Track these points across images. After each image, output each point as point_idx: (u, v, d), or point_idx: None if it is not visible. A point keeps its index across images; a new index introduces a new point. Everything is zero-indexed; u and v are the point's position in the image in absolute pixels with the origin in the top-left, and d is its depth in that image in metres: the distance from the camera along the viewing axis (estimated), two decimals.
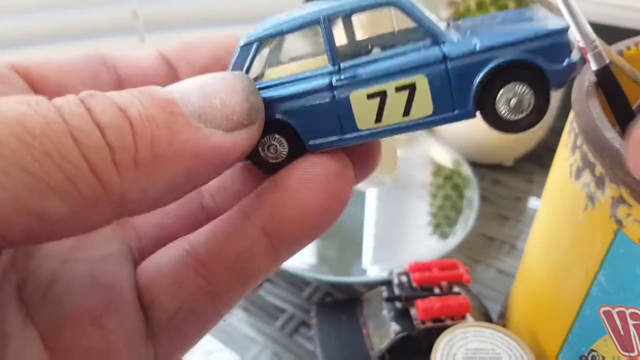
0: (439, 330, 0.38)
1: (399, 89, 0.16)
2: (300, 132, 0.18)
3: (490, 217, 0.61)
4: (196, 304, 0.18)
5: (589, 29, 0.25)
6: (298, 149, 0.18)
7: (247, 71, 0.18)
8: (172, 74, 0.21)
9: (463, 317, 0.40)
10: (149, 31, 0.78)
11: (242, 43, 0.18)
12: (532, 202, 0.63)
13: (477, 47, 0.16)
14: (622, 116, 0.28)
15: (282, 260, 0.18)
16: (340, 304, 0.47)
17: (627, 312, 0.27)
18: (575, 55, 0.17)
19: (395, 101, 0.17)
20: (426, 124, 0.17)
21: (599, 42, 0.26)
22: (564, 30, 0.16)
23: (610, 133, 0.26)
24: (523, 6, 0.60)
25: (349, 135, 0.17)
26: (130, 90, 0.15)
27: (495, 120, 0.17)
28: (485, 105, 0.17)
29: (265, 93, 0.18)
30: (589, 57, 0.26)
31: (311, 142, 0.18)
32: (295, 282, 0.53)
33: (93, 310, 0.18)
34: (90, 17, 0.73)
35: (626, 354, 0.28)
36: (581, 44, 0.25)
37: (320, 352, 0.42)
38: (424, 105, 0.17)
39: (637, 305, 0.27)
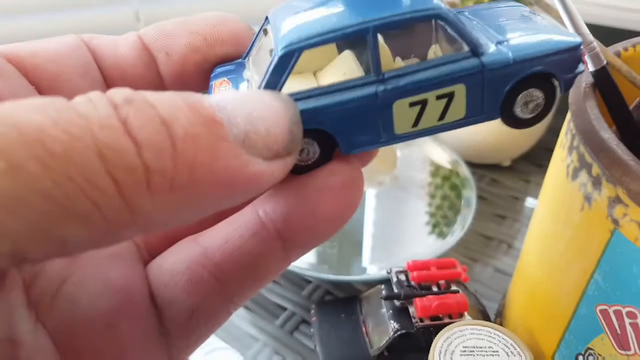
0: (437, 328, 0.38)
1: (439, 97, 0.17)
2: (338, 139, 0.17)
3: (487, 216, 0.61)
4: (210, 304, 0.18)
5: (587, 30, 0.26)
6: (329, 152, 0.18)
7: (282, 86, 0.17)
8: (151, 65, 0.20)
9: (461, 316, 0.40)
10: None
11: (281, 53, 0.17)
12: (529, 202, 0.63)
13: (512, 60, 0.17)
14: (618, 117, 0.28)
15: (291, 262, 0.18)
16: (340, 302, 0.47)
17: (624, 310, 0.28)
18: (581, 65, 0.19)
19: (434, 108, 0.17)
20: (455, 125, 0.18)
21: (596, 43, 0.26)
22: (580, 44, 0.18)
23: (607, 133, 0.26)
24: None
25: (384, 139, 0.18)
26: (173, 98, 0.13)
27: (509, 119, 0.19)
28: (504, 107, 0.18)
29: (306, 104, 0.17)
30: (587, 58, 0.26)
31: (347, 147, 0.18)
32: (296, 280, 0.53)
33: (105, 312, 0.17)
34: (92, 18, 0.73)
35: (623, 352, 0.28)
36: None
37: (320, 349, 0.43)
38: (458, 110, 0.18)
39: (634, 304, 0.27)
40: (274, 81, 0.17)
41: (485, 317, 0.43)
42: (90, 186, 0.11)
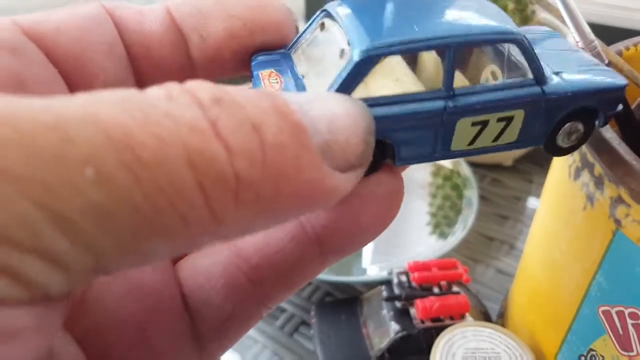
0: (438, 329, 0.38)
1: (499, 120, 0.17)
2: (396, 151, 0.17)
3: (489, 217, 0.61)
4: (246, 307, 0.18)
5: (588, 30, 0.26)
6: (379, 163, 0.17)
7: (353, 91, 0.16)
8: (181, 45, 0.18)
9: (462, 317, 0.40)
10: None
11: (361, 57, 0.16)
12: (531, 202, 0.63)
13: (569, 93, 0.18)
14: (620, 116, 0.28)
15: (327, 267, 0.18)
16: (340, 303, 0.47)
17: (626, 311, 0.28)
18: (620, 105, 0.20)
19: (492, 129, 0.18)
20: (503, 148, 0.18)
21: (597, 42, 0.26)
22: (625, 86, 0.19)
23: (609, 133, 0.26)
24: (522, 6, 0.60)
25: (438, 154, 0.18)
26: (260, 98, 0.12)
27: (549, 146, 0.19)
28: (549, 135, 0.19)
29: (375, 111, 0.16)
30: None
31: (402, 158, 0.17)
32: None
33: (134, 316, 0.16)
34: None
35: (625, 353, 0.28)
36: (580, 44, 0.26)
37: (320, 351, 0.43)
38: (512, 134, 0.18)
39: (636, 305, 0.27)
40: (348, 86, 0.16)
41: (487, 318, 0.43)
42: (180, 198, 0.11)
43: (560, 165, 0.32)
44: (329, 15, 0.18)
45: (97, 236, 0.10)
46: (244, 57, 0.19)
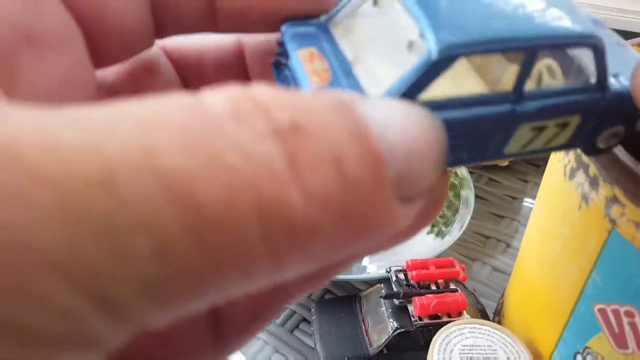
0: (436, 326, 0.38)
1: (557, 125, 0.16)
2: (451, 153, 0.14)
3: (486, 216, 0.61)
4: (271, 305, 0.16)
5: None
6: None
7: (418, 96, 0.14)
8: None
9: (459, 314, 0.41)
10: None
11: (440, 56, 0.13)
12: (527, 202, 0.63)
13: (627, 100, 0.17)
14: None
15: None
16: (340, 300, 0.47)
17: (622, 309, 0.28)
18: None
19: (548, 134, 0.16)
20: (552, 150, 0.17)
21: None
22: None
23: None
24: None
25: (490, 156, 0.16)
26: (336, 120, 0.10)
27: (588, 148, 0.18)
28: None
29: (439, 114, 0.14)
30: None
31: (453, 162, 0.15)
32: None
33: None
34: None
35: (621, 351, 0.29)
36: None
37: (320, 347, 0.43)
38: (563, 138, 0.17)
39: (631, 303, 0.27)
40: (418, 89, 0.13)
41: (484, 316, 0.44)
42: (243, 256, 0.09)
43: (555, 166, 0.32)
44: None
45: (146, 309, 0.08)
46: (275, 19, 0.16)
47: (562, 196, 0.31)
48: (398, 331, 0.40)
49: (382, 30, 0.15)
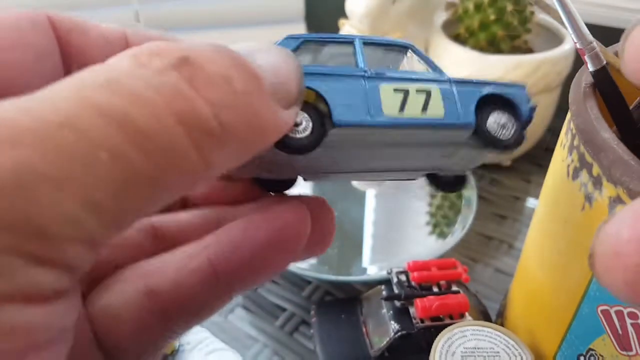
0: (437, 328, 0.38)
1: (418, 91, 0.21)
2: (330, 105, 0.19)
3: (488, 216, 0.61)
4: (156, 344, 0.18)
5: (586, 31, 0.26)
6: (320, 133, 0.19)
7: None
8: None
9: (461, 316, 0.40)
10: None
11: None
12: (530, 202, 0.63)
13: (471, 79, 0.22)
14: (619, 117, 0.28)
15: (233, 298, 0.20)
16: (340, 302, 0.47)
17: (625, 311, 0.28)
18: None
19: (416, 99, 0.20)
20: (440, 125, 0.21)
21: (596, 43, 0.26)
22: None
23: (607, 133, 0.26)
24: (520, 8, 0.60)
25: (374, 118, 0.20)
26: (217, 53, 0.14)
27: (486, 138, 0.22)
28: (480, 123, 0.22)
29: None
30: (586, 58, 0.26)
31: (339, 118, 0.19)
32: (296, 281, 0.53)
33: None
34: (92, 19, 0.73)
35: (624, 353, 0.28)
36: (578, 45, 0.26)
37: (320, 350, 0.43)
38: (437, 107, 0.21)
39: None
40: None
41: (486, 318, 0.43)
42: (179, 156, 0.12)
43: (558, 165, 0.32)
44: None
45: (116, 205, 0.12)
46: None
47: (565, 196, 0.31)
48: (399, 333, 0.40)
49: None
